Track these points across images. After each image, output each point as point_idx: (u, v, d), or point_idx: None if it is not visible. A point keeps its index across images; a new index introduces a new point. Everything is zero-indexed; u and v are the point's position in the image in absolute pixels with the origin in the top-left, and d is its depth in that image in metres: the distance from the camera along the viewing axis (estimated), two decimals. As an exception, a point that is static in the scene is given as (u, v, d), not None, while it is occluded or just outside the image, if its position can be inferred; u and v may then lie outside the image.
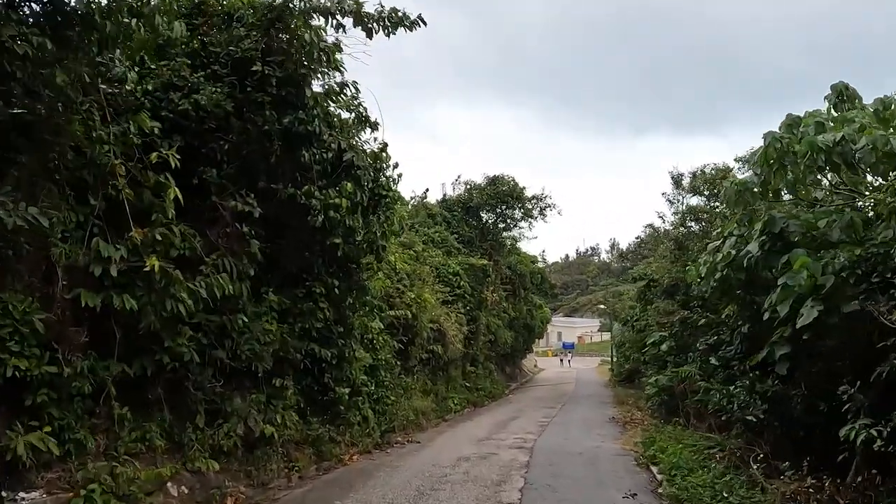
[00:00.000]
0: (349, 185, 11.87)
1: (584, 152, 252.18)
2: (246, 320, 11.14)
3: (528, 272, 45.34)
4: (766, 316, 11.57)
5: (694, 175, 25.62)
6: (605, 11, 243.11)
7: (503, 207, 38.16)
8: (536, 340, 63.37)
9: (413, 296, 20.89)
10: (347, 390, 15.28)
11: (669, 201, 26.62)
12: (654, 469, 13.75)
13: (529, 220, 39.12)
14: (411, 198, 36.72)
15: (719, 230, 14.01)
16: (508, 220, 39.01)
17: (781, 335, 12.23)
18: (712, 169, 24.11)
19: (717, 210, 23.07)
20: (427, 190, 37.44)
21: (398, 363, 20.29)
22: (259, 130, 11.18)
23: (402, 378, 20.69)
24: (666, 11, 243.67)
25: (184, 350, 10.16)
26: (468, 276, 30.58)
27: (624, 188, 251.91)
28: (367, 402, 17.06)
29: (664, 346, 23.81)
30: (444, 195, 38.15)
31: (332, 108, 13.06)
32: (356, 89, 13.01)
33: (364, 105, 14.29)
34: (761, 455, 11.83)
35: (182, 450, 10.98)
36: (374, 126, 14.46)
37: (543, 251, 60.59)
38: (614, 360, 51.70)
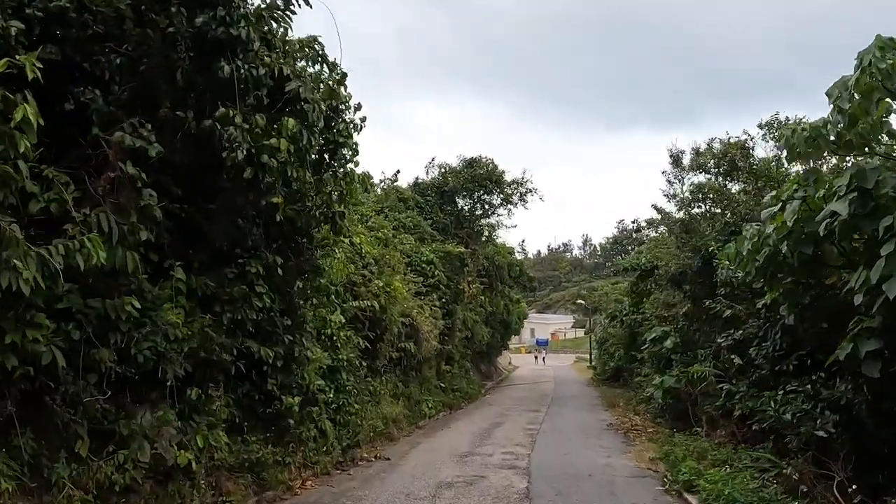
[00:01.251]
0: (291, 121, 8.60)
1: (553, 148, 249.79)
2: (139, 306, 7.85)
3: (505, 264, 42.23)
4: (857, 300, 8.63)
5: (697, 152, 22.65)
6: (584, 11, 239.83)
7: (480, 192, 35.00)
8: (512, 337, 60.50)
9: (381, 284, 17.66)
10: (298, 399, 12.06)
11: (668, 181, 23.64)
12: (692, 500, 10.72)
13: (509, 206, 35.99)
14: (381, 181, 33.53)
15: (770, 196, 10.99)
16: (486, 207, 35.84)
17: (866, 326, 9.38)
18: (721, 142, 21.18)
19: (733, 188, 20.22)
20: (398, 172, 34.13)
21: (363, 364, 17.07)
22: (163, 37, 7.92)
23: (368, 381, 17.46)
24: (645, 11, 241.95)
25: (41, 348, 6.87)
26: (443, 264, 27.41)
27: (597, 184, 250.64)
28: (324, 412, 13.82)
29: (668, 343, 20.93)
30: (417, 179, 34.90)
31: (273, 29, 9.82)
32: (306, 3, 9.74)
33: (321, 41, 11.12)
34: (852, 486, 8.85)
35: (51, 491, 7.73)
36: (332, 66, 11.27)
37: (523, 241, 56.71)
38: (596, 357, 49.04)
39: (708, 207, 21.50)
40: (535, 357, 73.10)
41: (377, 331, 17.72)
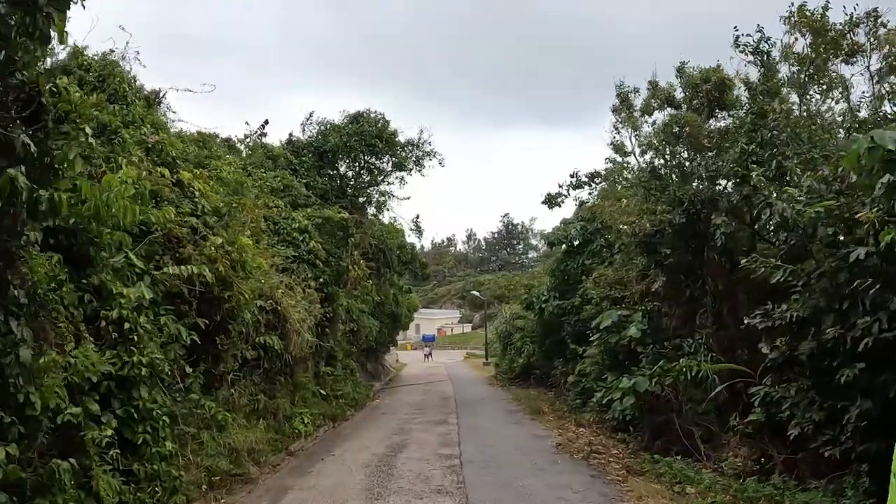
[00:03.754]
0: None
1: (437, 144, 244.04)
2: None
3: (395, 245, 35.90)
4: None
5: (655, 86, 17.40)
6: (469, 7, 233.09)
7: (368, 155, 28.62)
8: (400, 332, 54.53)
9: (220, 241, 11.08)
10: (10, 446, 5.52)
11: (615, 128, 18.27)
12: None
13: (402, 173, 29.85)
14: (245, 135, 26.61)
15: None
16: (375, 172, 29.47)
17: None
18: (696, 69, 15.98)
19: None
20: (266, 122, 27.00)
21: (194, 370, 10.54)
22: None
23: (198, 399, 10.84)
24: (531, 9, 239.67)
25: None
26: (322, 235, 20.94)
27: (481, 180, 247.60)
28: (94, 462, 7.30)
29: (632, 331, 15.54)
30: (291, 135, 28.05)
31: None
32: None
33: None
34: None
35: None
36: None
37: (418, 216, 47.33)
38: (497, 353, 43.84)
39: (678, 151, 16.28)
40: (426, 355, 67.36)
41: (217, 315, 11.15)
